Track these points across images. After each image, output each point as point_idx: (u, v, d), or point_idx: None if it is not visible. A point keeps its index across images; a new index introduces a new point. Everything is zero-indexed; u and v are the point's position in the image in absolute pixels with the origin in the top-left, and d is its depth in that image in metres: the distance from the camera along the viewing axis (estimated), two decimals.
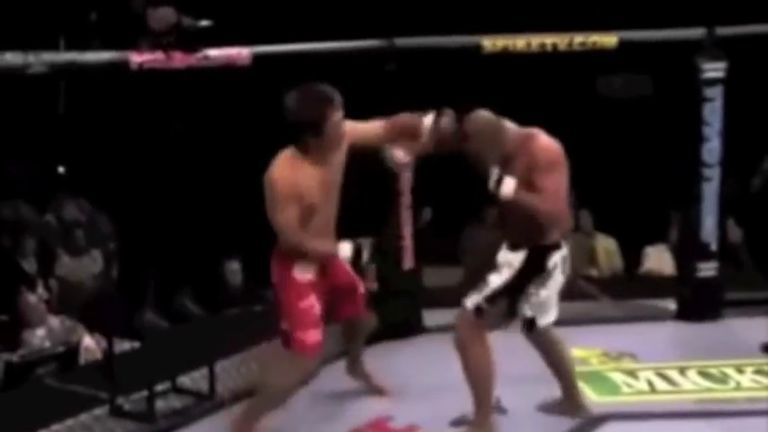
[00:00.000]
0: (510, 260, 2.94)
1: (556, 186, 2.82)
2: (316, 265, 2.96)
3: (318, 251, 2.93)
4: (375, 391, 3.43)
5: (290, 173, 2.83)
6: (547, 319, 3.06)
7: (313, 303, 2.95)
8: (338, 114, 2.85)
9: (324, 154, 2.88)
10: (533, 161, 2.82)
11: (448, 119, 2.94)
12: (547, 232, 2.90)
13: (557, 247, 2.93)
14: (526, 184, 2.82)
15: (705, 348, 3.82)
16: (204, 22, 3.32)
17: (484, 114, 2.92)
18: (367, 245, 2.99)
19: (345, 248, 2.94)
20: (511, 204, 2.84)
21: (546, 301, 2.98)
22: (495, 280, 2.94)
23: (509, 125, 2.93)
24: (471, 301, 2.96)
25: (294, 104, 2.81)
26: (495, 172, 2.83)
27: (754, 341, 3.80)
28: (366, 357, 3.70)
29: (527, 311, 2.99)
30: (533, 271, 2.92)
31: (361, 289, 3.22)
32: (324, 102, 2.82)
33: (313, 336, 2.95)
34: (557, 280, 2.96)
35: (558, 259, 2.94)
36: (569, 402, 3.21)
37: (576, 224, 5.61)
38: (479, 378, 2.99)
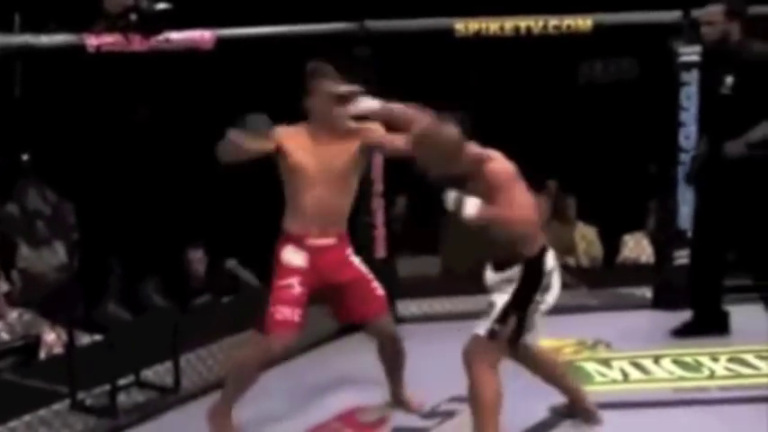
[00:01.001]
0: (506, 277, 2.79)
1: (518, 199, 2.70)
2: (306, 254, 2.94)
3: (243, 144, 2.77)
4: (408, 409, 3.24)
5: (289, 128, 2.95)
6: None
7: (292, 284, 2.92)
8: (330, 85, 2.90)
9: (320, 126, 2.93)
10: (487, 184, 2.69)
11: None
12: (529, 242, 2.76)
13: (545, 249, 2.79)
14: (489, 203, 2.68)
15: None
16: (162, 5, 3.19)
17: (448, 131, 2.71)
18: None
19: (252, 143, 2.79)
20: (480, 225, 2.69)
21: (550, 305, 2.83)
22: (500, 300, 2.77)
23: (469, 146, 2.75)
24: (482, 327, 2.78)
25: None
26: (451, 195, 2.66)
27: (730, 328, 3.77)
28: (338, 349, 3.64)
29: (536, 321, 2.83)
30: (535, 279, 2.77)
31: (376, 285, 3.08)
32: (318, 69, 2.92)
33: (283, 313, 2.90)
34: (557, 281, 2.83)
35: (551, 260, 2.81)
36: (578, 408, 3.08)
37: (558, 212, 5.58)
38: (485, 406, 2.78)
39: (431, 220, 5.30)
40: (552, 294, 2.82)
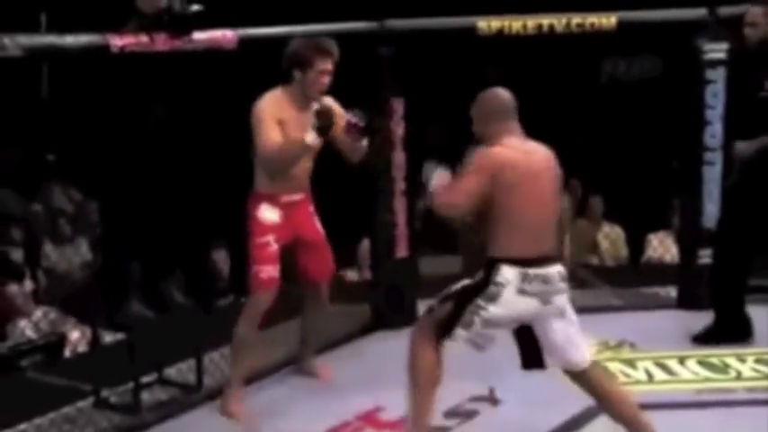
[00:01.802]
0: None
1: (461, 184, 2.67)
2: (280, 210, 3.15)
3: (288, 150, 3.02)
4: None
5: (272, 102, 3.10)
6: (557, 361, 2.76)
7: (270, 242, 3.13)
8: (326, 64, 3.09)
9: (305, 97, 3.11)
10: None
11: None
12: (496, 244, 2.67)
13: (514, 261, 2.65)
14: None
15: None
16: (195, 7, 3.23)
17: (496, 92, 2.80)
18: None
19: (310, 135, 2.99)
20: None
21: (497, 319, 2.68)
22: (451, 288, 2.75)
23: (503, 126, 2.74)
24: (435, 320, 2.76)
25: (293, 42, 3.14)
26: (429, 166, 2.70)
27: (756, 329, 3.71)
28: (359, 348, 3.65)
29: (477, 325, 2.70)
30: (482, 281, 2.67)
31: (328, 250, 3.33)
32: (317, 45, 3.10)
33: (267, 271, 3.11)
34: (512, 300, 2.64)
35: (511, 276, 2.63)
36: None
37: (584, 211, 5.54)
38: (417, 378, 2.77)
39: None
40: (501, 308, 2.65)
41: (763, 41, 3.54)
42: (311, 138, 2.98)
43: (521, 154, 2.70)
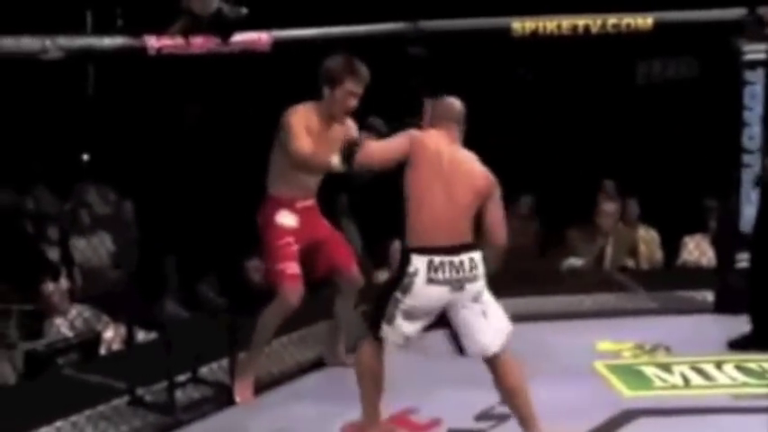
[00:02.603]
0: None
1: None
2: (297, 215, 3.26)
3: (324, 163, 3.06)
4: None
5: (303, 113, 3.19)
6: (473, 348, 2.83)
7: (290, 242, 3.24)
8: (356, 87, 3.18)
9: (331, 114, 3.21)
10: None
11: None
12: (411, 234, 2.76)
13: (422, 250, 2.71)
14: None
15: None
16: (244, 11, 3.27)
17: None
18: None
19: (335, 159, 3.03)
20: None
21: (413, 310, 2.74)
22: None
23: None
24: (367, 320, 2.91)
25: (328, 59, 3.21)
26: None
27: None
28: (389, 349, 3.63)
29: (398, 318, 2.77)
30: (398, 277, 2.77)
31: (346, 244, 3.44)
32: (350, 66, 3.18)
33: (291, 267, 3.21)
34: (421, 291, 2.71)
35: (420, 265, 2.70)
36: None
37: (621, 213, 5.48)
38: (364, 391, 2.92)
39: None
40: (414, 298, 2.72)
41: None
42: (335, 162, 3.02)
43: (439, 146, 2.83)
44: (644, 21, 3.93)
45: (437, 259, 2.71)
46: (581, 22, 3.93)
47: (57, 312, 4.09)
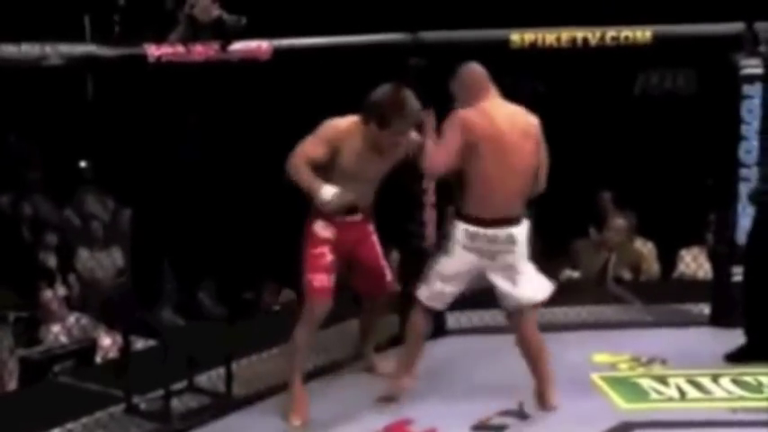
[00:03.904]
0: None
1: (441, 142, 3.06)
2: (335, 228, 3.19)
3: (303, 180, 3.06)
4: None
5: (345, 129, 3.13)
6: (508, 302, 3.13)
7: (325, 252, 3.18)
8: (405, 127, 3.12)
9: (377, 148, 3.15)
10: None
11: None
12: (463, 201, 3.01)
13: (465, 219, 2.99)
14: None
15: None
16: (244, 20, 3.28)
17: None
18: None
19: (327, 192, 3.05)
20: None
21: (450, 273, 3.05)
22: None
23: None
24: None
25: (381, 90, 3.12)
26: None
27: None
28: (389, 359, 3.64)
29: (435, 279, 3.09)
30: (444, 243, 3.06)
31: (387, 273, 3.39)
32: (401, 108, 3.09)
33: (320, 279, 3.17)
34: (459, 254, 3.01)
35: (460, 232, 3.00)
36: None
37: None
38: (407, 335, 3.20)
39: None
40: (450, 261, 3.04)
41: None
42: (325, 193, 3.04)
43: (488, 117, 3.01)
44: (643, 34, 3.95)
45: (472, 229, 2.98)
46: (580, 34, 3.94)
47: (54, 319, 4.09)
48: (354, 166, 3.12)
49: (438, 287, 3.11)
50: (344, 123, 3.16)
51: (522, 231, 3.07)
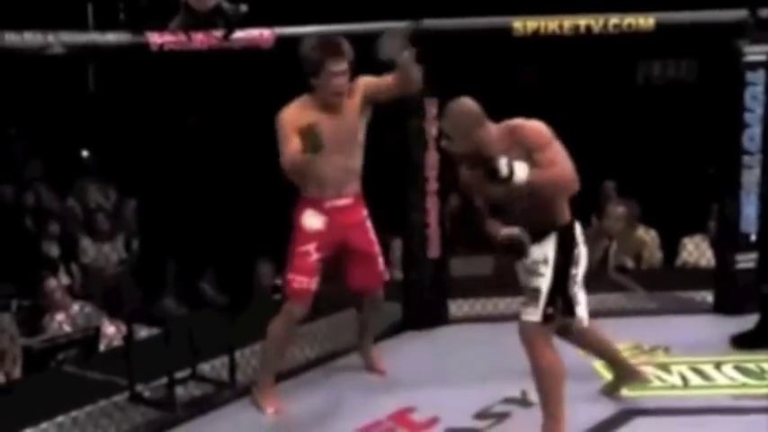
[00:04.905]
0: (542, 256, 2.81)
1: (556, 156, 2.73)
2: (325, 216, 3.09)
3: (297, 158, 2.90)
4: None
5: (295, 111, 3.02)
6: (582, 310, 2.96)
7: (310, 251, 3.08)
8: (338, 65, 2.99)
9: (328, 99, 3.03)
10: (527, 147, 2.72)
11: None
12: (561, 209, 2.83)
13: (573, 219, 2.87)
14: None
15: None
16: (244, 8, 3.25)
17: (464, 103, 2.79)
18: None
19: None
20: (522, 192, 2.70)
21: (579, 279, 2.88)
22: (544, 283, 2.81)
23: (489, 123, 2.82)
24: (533, 314, 2.82)
25: (302, 45, 3.04)
26: (503, 161, 2.66)
27: None
28: (390, 348, 3.65)
29: (577, 295, 2.86)
30: (568, 251, 2.82)
31: (380, 261, 3.27)
32: (325, 47, 3.00)
33: (300, 281, 3.08)
34: (584, 254, 2.88)
35: (578, 234, 2.88)
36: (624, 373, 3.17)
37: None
38: (553, 383, 2.87)
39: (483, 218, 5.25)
40: (580, 266, 2.85)
41: None
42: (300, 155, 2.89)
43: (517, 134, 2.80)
44: (645, 21, 3.93)
45: (578, 227, 2.87)
46: (582, 21, 3.92)
47: (58, 308, 4.09)
48: (327, 141, 2.95)
49: (581, 297, 2.89)
50: (294, 105, 3.06)
51: None
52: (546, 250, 2.80)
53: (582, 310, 2.92)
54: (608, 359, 3.21)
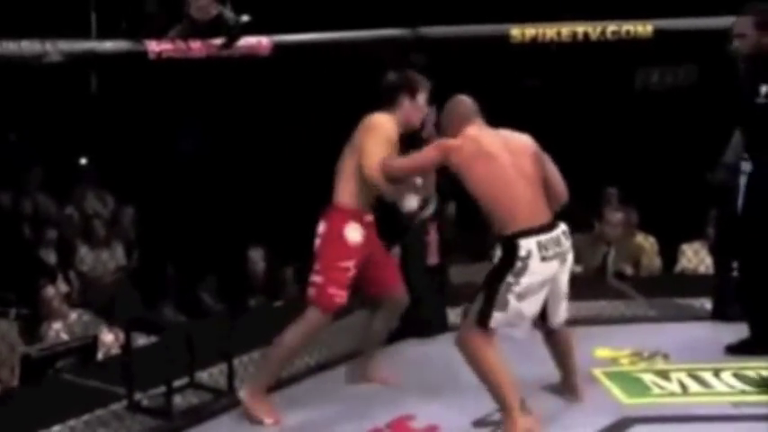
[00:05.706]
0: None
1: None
2: (364, 229, 3.14)
3: (405, 169, 3.06)
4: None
5: (388, 120, 3.16)
6: (557, 318, 3.06)
7: (350, 267, 3.11)
8: (426, 98, 3.22)
9: (408, 124, 3.21)
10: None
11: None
12: (504, 223, 2.88)
13: (526, 233, 2.85)
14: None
15: None
16: (245, 17, 3.26)
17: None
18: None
19: (412, 200, 3.11)
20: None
21: (529, 288, 2.88)
22: (483, 289, 2.93)
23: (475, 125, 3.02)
24: (471, 316, 2.94)
25: (394, 73, 3.24)
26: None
27: None
28: (388, 355, 3.64)
29: (511, 302, 2.88)
30: (507, 263, 2.86)
31: (395, 263, 3.38)
32: (423, 79, 3.25)
33: (341, 295, 3.11)
34: (537, 269, 2.86)
35: (531, 247, 2.84)
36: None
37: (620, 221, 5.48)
38: (497, 380, 2.94)
39: (482, 226, 5.26)
40: (530, 277, 2.86)
41: (753, 51, 3.50)
42: (411, 203, 3.13)
43: (488, 137, 2.98)
44: (644, 28, 3.94)
45: (543, 238, 2.87)
46: (580, 29, 3.93)
47: (56, 316, 4.08)
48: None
49: (519, 308, 2.89)
50: (388, 119, 3.17)
51: (567, 228, 3.01)
52: (494, 258, 2.92)
53: (505, 317, 2.90)
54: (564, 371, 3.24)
